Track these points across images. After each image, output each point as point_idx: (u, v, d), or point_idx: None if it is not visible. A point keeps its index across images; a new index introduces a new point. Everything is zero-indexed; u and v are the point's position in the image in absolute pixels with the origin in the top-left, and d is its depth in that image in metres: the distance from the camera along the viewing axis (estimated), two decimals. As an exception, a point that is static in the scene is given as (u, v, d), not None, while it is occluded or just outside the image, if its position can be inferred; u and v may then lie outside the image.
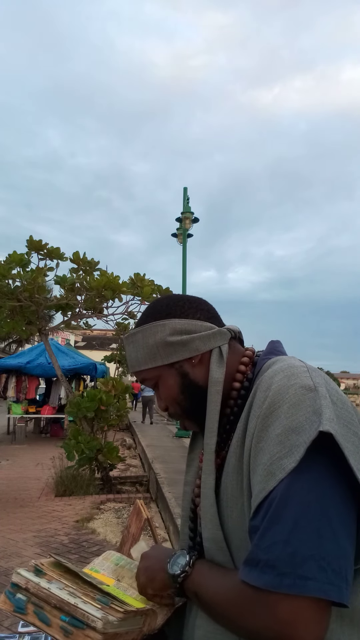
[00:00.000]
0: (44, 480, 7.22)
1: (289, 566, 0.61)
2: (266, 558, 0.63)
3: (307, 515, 0.63)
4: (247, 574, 0.65)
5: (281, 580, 0.61)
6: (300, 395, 0.70)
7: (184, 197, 13.22)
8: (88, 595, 0.81)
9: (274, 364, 0.82)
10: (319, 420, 0.66)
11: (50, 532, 5.02)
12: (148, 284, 7.26)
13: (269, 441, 0.69)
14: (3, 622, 3.11)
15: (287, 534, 0.63)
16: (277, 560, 0.62)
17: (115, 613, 0.78)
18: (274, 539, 0.63)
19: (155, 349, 0.88)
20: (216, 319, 0.93)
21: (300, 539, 0.62)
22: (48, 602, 0.79)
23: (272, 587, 0.62)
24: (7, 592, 0.84)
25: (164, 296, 0.98)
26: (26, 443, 11.58)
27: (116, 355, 17.87)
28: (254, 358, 0.91)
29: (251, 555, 0.66)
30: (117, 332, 13.85)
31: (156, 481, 6.62)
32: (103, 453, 6.51)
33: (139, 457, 10.03)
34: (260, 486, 0.68)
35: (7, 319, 7.08)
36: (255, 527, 0.67)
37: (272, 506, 0.65)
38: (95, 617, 0.75)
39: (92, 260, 7.16)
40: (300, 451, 0.65)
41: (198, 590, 0.76)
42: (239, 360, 0.91)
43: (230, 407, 0.87)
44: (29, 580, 0.82)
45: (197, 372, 0.88)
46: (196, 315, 0.91)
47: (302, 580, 0.60)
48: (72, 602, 0.77)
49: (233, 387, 0.88)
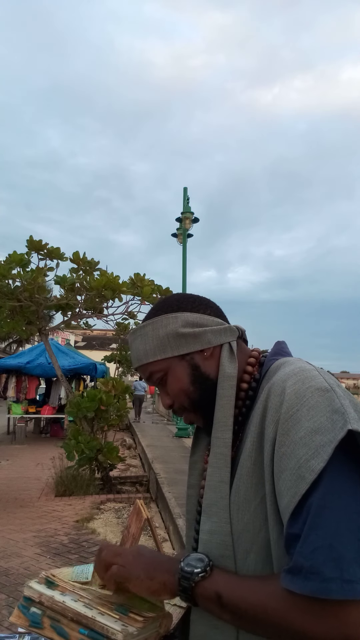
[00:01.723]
0: (44, 480, 7.22)
1: (334, 571, 0.61)
2: (310, 564, 0.63)
3: (347, 519, 0.63)
4: (291, 582, 0.64)
5: (328, 585, 0.61)
6: (318, 397, 0.71)
7: (184, 197, 13.22)
8: (105, 605, 0.79)
9: (282, 365, 0.82)
10: (343, 419, 0.67)
11: (50, 532, 5.02)
12: (148, 284, 7.26)
13: (292, 445, 0.69)
14: (3, 622, 3.13)
15: (330, 538, 0.63)
16: (321, 565, 0.62)
17: (135, 623, 0.76)
18: (316, 544, 0.63)
19: (166, 339, 0.88)
20: (223, 317, 0.94)
21: (342, 543, 0.62)
22: (65, 616, 0.77)
23: (319, 594, 0.61)
24: (20, 606, 0.82)
25: (174, 294, 0.99)
26: (26, 443, 11.58)
27: (116, 355, 17.88)
28: (260, 358, 0.91)
29: (294, 563, 0.65)
30: (117, 332, 13.85)
31: (156, 481, 6.62)
32: (103, 453, 6.51)
33: (139, 457, 10.03)
34: (292, 491, 0.67)
35: (7, 319, 7.08)
36: (294, 534, 0.66)
37: (310, 512, 0.65)
38: (115, 630, 0.73)
39: (92, 260, 7.16)
40: (327, 450, 0.66)
41: (224, 591, 0.72)
42: (245, 360, 0.91)
43: (238, 408, 0.87)
44: (42, 593, 0.80)
45: (208, 365, 0.88)
46: (207, 311, 0.91)
47: (349, 584, 0.60)
48: (89, 615, 0.75)
49: (241, 387, 0.88)
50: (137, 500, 1.08)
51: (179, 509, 5.06)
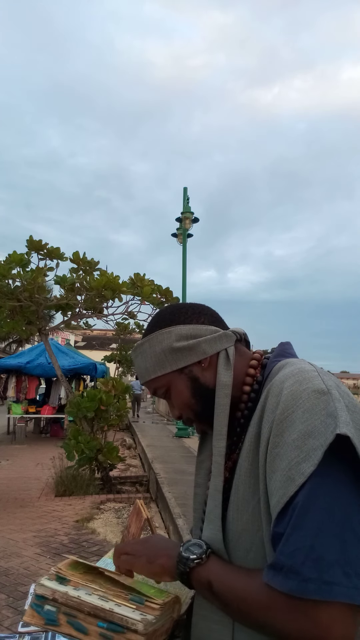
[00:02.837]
0: (44, 480, 7.22)
1: (314, 572, 0.62)
2: (290, 563, 0.64)
3: (330, 521, 0.64)
4: (272, 578, 0.66)
5: (306, 586, 0.62)
6: (314, 399, 0.71)
7: (183, 197, 13.22)
8: (120, 596, 0.79)
9: (283, 367, 0.82)
10: (335, 422, 0.67)
11: (50, 532, 5.02)
12: (148, 284, 7.26)
13: (285, 447, 0.70)
14: (3, 622, 3.11)
15: (311, 539, 0.63)
16: (301, 566, 0.63)
17: (152, 611, 0.77)
18: (298, 545, 0.64)
19: (162, 356, 0.89)
20: (220, 322, 0.94)
21: (323, 545, 0.63)
22: (81, 610, 0.77)
23: (297, 593, 0.62)
24: (33, 605, 0.81)
25: (167, 306, 0.99)
26: (26, 443, 11.57)
27: (116, 355, 17.88)
28: (263, 360, 0.91)
29: (276, 561, 0.66)
30: (117, 332, 13.85)
31: (156, 481, 6.62)
32: (103, 453, 6.52)
33: (139, 457, 10.03)
34: (281, 492, 0.68)
35: (7, 319, 7.08)
36: (278, 533, 0.68)
37: (295, 512, 0.66)
38: (135, 620, 0.73)
39: (92, 260, 7.16)
40: (317, 455, 0.66)
41: (214, 580, 0.75)
42: (247, 363, 0.91)
43: (240, 411, 0.87)
44: (55, 590, 0.79)
45: (207, 375, 0.88)
46: (200, 319, 0.91)
47: (327, 586, 0.61)
48: (107, 607, 0.75)
49: (243, 390, 0.88)
50: (137, 500, 1.08)
51: (179, 509, 5.06)
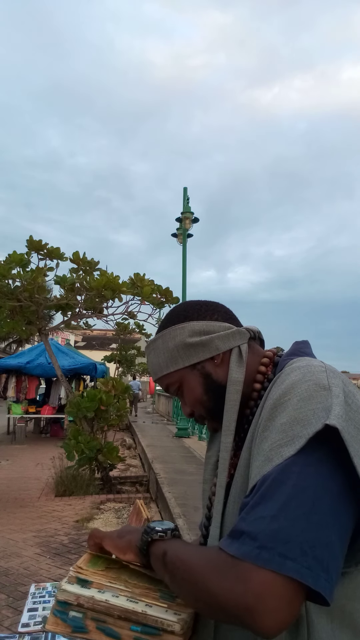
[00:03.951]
0: (44, 480, 7.22)
1: (271, 541, 0.60)
2: (249, 530, 0.63)
3: (299, 498, 0.62)
4: (228, 544, 0.65)
5: (259, 552, 0.60)
6: (313, 391, 0.70)
7: (183, 197, 13.22)
8: (148, 595, 0.76)
9: (294, 364, 0.81)
10: (327, 415, 0.66)
11: (50, 532, 5.02)
12: (148, 284, 7.26)
13: (273, 430, 0.70)
14: (3, 622, 3.11)
15: (276, 511, 0.62)
16: (260, 533, 0.61)
17: (185, 608, 0.74)
18: (262, 513, 0.63)
19: (175, 351, 0.89)
20: (234, 320, 0.94)
21: (288, 519, 0.61)
22: (110, 615, 0.73)
23: (249, 558, 0.61)
24: (55, 612, 0.75)
25: (182, 302, 0.99)
26: (26, 443, 11.57)
27: (116, 355, 17.89)
28: (275, 358, 0.91)
29: (235, 527, 0.65)
30: (117, 332, 13.84)
31: (156, 481, 6.62)
32: (103, 453, 6.52)
33: (139, 457, 10.03)
34: (257, 471, 0.68)
35: (7, 319, 7.08)
36: (246, 503, 0.67)
37: (265, 484, 0.65)
38: (171, 621, 0.71)
39: (92, 260, 7.16)
40: (301, 442, 0.65)
41: (169, 549, 0.74)
42: (259, 361, 0.90)
43: (250, 408, 0.87)
44: (79, 595, 0.74)
45: (219, 372, 0.88)
46: (214, 316, 0.91)
47: (281, 558, 0.59)
48: (139, 610, 0.72)
49: (254, 387, 0.88)
50: (137, 500, 1.08)
51: (179, 509, 5.06)
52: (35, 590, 1.58)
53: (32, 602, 1.50)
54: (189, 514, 4.88)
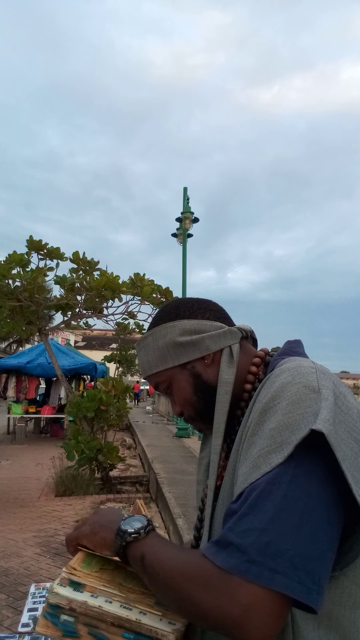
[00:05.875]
0: (44, 480, 7.22)
1: (261, 555, 0.59)
2: (238, 542, 0.61)
3: (289, 510, 0.61)
4: (214, 554, 0.63)
5: (249, 567, 0.59)
6: (302, 394, 0.68)
7: (183, 197, 13.22)
8: (143, 602, 0.74)
9: (284, 364, 0.80)
10: (314, 419, 0.64)
11: (50, 532, 5.02)
12: (148, 284, 7.26)
13: (261, 435, 0.68)
14: (3, 622, 3.11)
15: (266, 523, 0.61)
16: (249, 546, 0.60)
17: (179, 617, 0.72)
18: (251, 525, 0.61)
19: (165, 350, 0.87)
20: (226, 319, 0.92)
21: (278, 531, 0.60)
22: (103, 621, 0.71)
23: (237, 572, 0.60)
24: (46, 614, 0.73)
25: (173, 299, 0.97)
26: (26, 443, 11.57)
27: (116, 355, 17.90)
28: (266, 358, 0.89)
29: (223, 537, 0.63)
30: (117, 332, 13.85)
31: (156, 481, 6.62)
32: (103, 453, 6.51)
33: (139, 457, 10.03)
34: (244, 477, 0.67)
35: (7, 319, 7.07)
36: (232, 510, 0.65)
37: (255, 493, 0.63)
38: (166, 631, 0.69)
39: (92, 260, 7.16)
40: (289, 448, 0.64)
41: (147, 552, 0.72)
42: (250, 361, 0.89)
43: (240, 409, 0.86)
44: (71, 599, 0.72)
45: (209, 372, 0.87)
46: (205, 315, 0.89)
47: (270, 573, 0.58)
48: (133, 617, 0.70)
49: (244, 388, 0.86)
50: (137, 500, 1.08)
51: (179, 509, 5.06)
52: (35, 590, 1.58)
53: (32, 602, 1.50)
54: (189, 514, 4.87)
